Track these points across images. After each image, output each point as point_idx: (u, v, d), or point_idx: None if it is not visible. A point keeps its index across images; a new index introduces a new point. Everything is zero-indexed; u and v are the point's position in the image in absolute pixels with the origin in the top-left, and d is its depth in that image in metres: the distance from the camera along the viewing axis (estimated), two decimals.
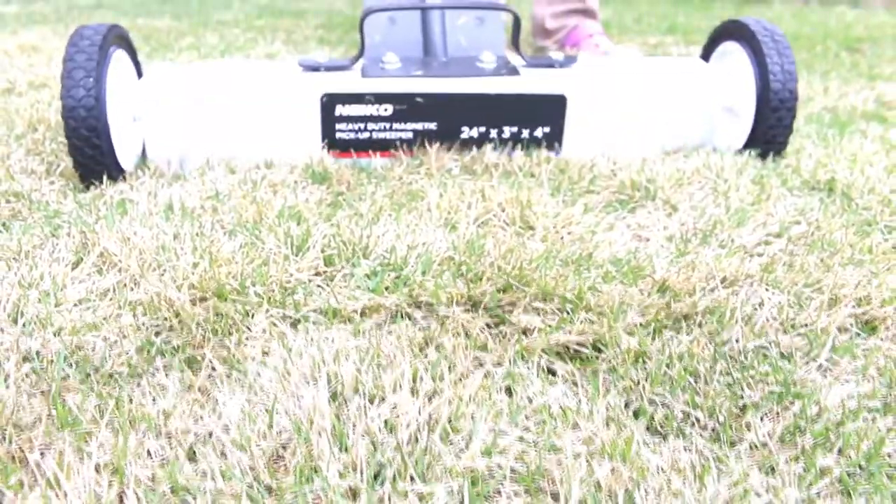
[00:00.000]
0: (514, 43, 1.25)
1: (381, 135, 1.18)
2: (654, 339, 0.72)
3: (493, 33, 1.35)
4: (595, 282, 0.81)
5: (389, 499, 0.52)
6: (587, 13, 2.12)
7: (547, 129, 1.19)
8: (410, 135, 1.18)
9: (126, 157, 1.15)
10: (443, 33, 1.31)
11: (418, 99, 1.15)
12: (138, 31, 2.65)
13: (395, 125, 1.17)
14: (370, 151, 1.19)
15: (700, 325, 0.74)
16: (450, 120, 1.17)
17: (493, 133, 1.19)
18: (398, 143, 1.19)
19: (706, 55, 1.36)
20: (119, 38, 1.17)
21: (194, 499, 0.53)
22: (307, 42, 2.43)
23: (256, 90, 1.17)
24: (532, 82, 1.18)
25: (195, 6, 3.51)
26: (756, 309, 0.76)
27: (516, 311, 0.75)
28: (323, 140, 1.18)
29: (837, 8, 4.08)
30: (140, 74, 1.25)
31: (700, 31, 2.83)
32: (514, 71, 1.21)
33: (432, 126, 1.17)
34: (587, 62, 1.31)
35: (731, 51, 1.29)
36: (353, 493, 0.53)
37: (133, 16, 3.12)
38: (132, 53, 1.24)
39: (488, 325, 0.75)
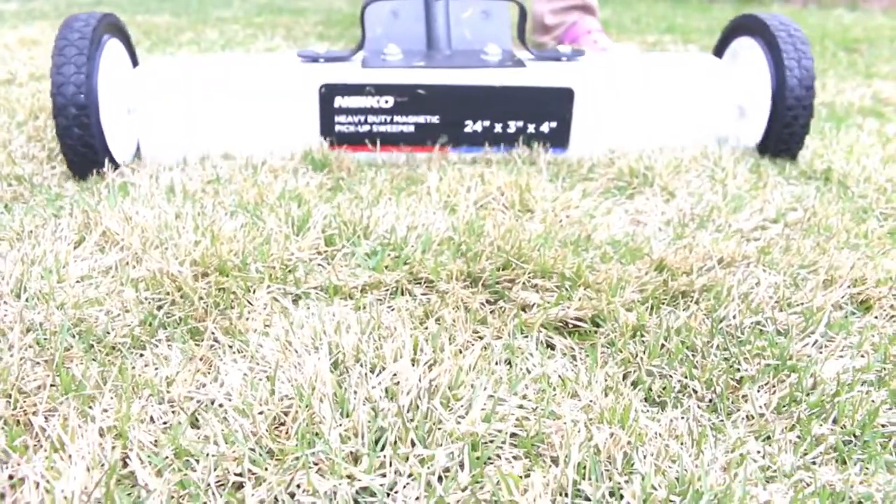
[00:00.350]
0: (521, 37, 1.23)
1: (382, 128, 1.15)
2: (651, 314, 0.72)
3: (498, 27, 1.31)
4: (593, 261, 0.81)
5: (390, 462, 0.53)
6: (586, 10, 2.13)
7: (553, 125, 1.15)
8: (412, 128, 1.15)
9: (120, 151, 1.13)
10: (447, 26, 1.27)
11: (420, 91, 1.12)
12: (137, 27, 2.65)
13: (397, 118, 1.14)
14: (370, 145, 1.16)
15: (697, 303, 0.75)
16: (453, 113, 1.14)
17: (498, 127, 1.15)
18: (399, 136, 1.16)
19: (719, 51, 1.32)
20: (112, 26, 1.13)
21: (197, 462, 0.53)
22: (307, 38, 2.44)
23: (254, 81, 1.14)
24: (538, 75, 1.15)
25: (194, 4, 3.52)
26: (753, 288, 0.77)
27: (515, 288, 0.76)
28: (322, 133, 1.15)
29: (835, 11, 4.10)
30: (136, 63, 1.22)
31: (698, 31, 2.85)
32: (519, 63, 1.18)
33: (435, 119, 1.14)
34: (595, 56, 1.29)
35: (746, 46, 1.25)
36: (355, 458, 0.53)
37: (132, 13, 3.12)
38: (127, 42, 1.20)
39: (488, 301, 0.75)
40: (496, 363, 0.64)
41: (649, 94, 1.18)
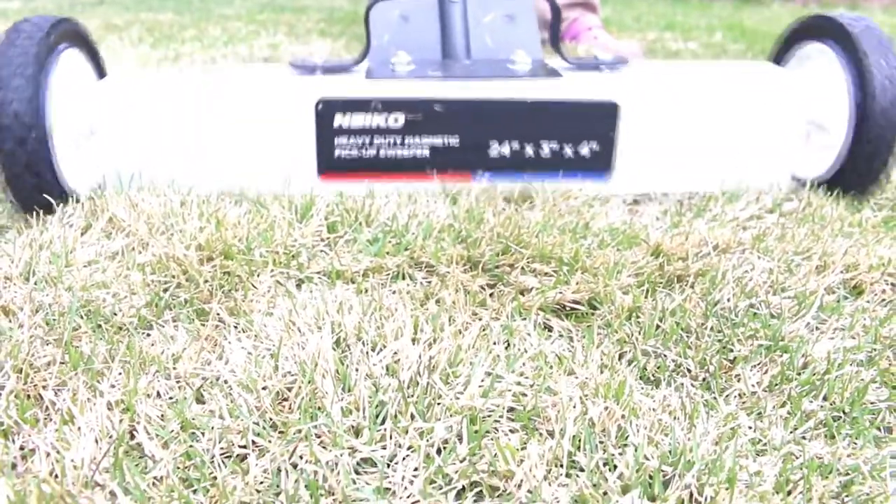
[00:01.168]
0: (554, 42, 1.07)
1: (391, 152, 0.97)
2: (647, 297, 0.74)
3: (526, 32, 1.14)
4: (591, 247, 0.83)
5: (391, 435, 0.54)
6: (587, 6, 2.15)
7: (594, 146, 0.99)
8: (427, 152, 0.98)
9: (78, 180, 0.95)
10: (465, 33, 1.10)
11: (436, 107, 0.96)
12: (141, 25, 2.67)
13: (409, 140, 0.97)
14: (377, 173, 0.98)
15: (692, 286, 0.76)
16: (476, 133, 0.97)
17: (529, 150, 0.98)
18: (412, 162, 0.98)
19: (778, 58, 1.12)
20: (69, 34, 0.96)
21: (202, 434, 0.55)
22: (309, 34, 2.46)
23: (238, 97, 0.97)
24: (576, 87, 0.99)
25: (197, 2, 3.54)
26: (747, 272, 0.79)
27: (514, 272, 0.77)
28: (319, 159, 0.97)
29: (836, 10, 4.11)
30: (103, 75, 1.06)
31: (698, 29, 2.86)
32: (553, 73, 1.02)
33: (454, 141, 0.97)
34: (641, 65, 1.12)
35: (815, 54, 1.05)
36: (356, 431, 0.55)
37: (135, 10, 3.15)
38: (91, 52, 1.04)
39: (488, 285, 0.77)
40: (494, 343, 0.66)
41: (706, 110, 1.00)
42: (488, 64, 1.06)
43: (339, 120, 0.96)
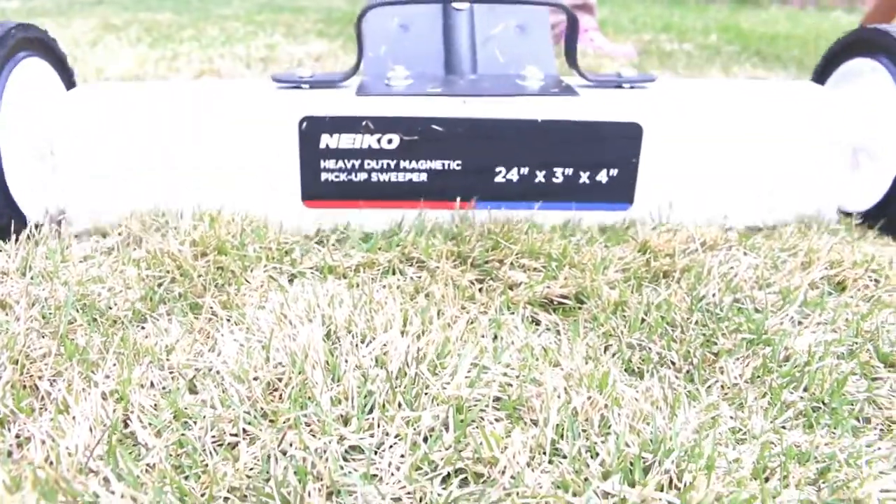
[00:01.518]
0: (569, 55, 0.96)
1: (384, 177, 0.88)
2: (634, 292, 0.75)
3: (539, 45, 1.04)
4: (579, 243, 0.84)
5: (378, 424, 0.55)
6: (585, 8, 2.16)
7: (614, 173, 0.88)
8: (424, 177, 0.88)
9: (34, 206, 0.88)
10: (471, 45, 1.00)
11: (436, 126, 0.86)
12: (140, 24, 2.69)
13: (404, 163, 0.87)
14: (368, 200, 0.89)
15: (678, 282, 0.78)
16: (480, 157, 0.87)
17: (540, 176, 0.88)
18: (408, 188, 0.88)
19: (821, 77, 1.03)
20: (30, 41, 0.89)
21: (195, 423, 0.56)
22: (307, 35, 2.48)
23: (214, 114, 0.87)
24: (594, 105, 0.88)
25: (195, 2, 3.56)
26: (733, 268, 0.80)
27: (503, 268, 0.79)
28: (303, 183, 0.88)
29: (833, 12, 4.14)
30: (72, 85, 0.98)
31: (694, 31, 2.88)
32: (568, 91, 0.91)
33: (455, 165, 0.87)
34: (667, 83, 1.01)
35: (866, 71, 0.96)
36: (345, 420, 0.56)
37: (134, 10, 3.16)
38: (57, 63, 0.95)
39: (477, 280, 0.78)
40: (482, 335, 0.67)
41: (741, 134, 0.90)
42: (496, 79, 0.96)
43: (326, 140, 0.86)
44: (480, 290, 0.77)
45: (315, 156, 0.87)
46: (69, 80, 0.97)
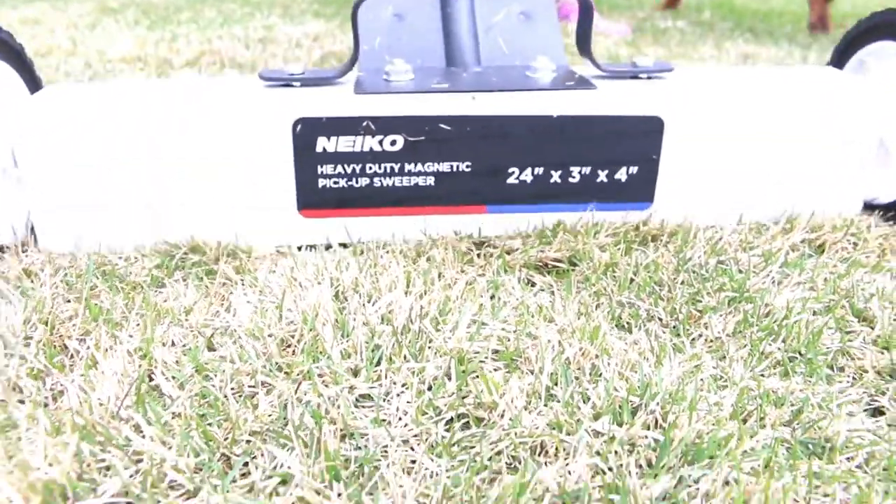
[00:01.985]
0: (583, 45, 0.89)
1: (388, 181, 0.81)
2: (624, 255, 0.79)
3: (546, 33, 0.97)
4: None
5: (386, 374, 0.60)
6: None
7: (634, 170, 0.84)
8: (431, 180, 0.82)
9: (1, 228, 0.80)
10: (473, 34, 0.94)
11: (443, 125, 0.80)
12: (137, 7, 2.71)
13: (409, 166, 0.81)
14: (370, 208, 0.83)
15: (666, 245, 0.82)
16: (491, 157, 0.82)
17: (556, 176, 0.83)
18: (414, 193, 0.82)
19: (840, 61, 0.98)
20: None
21: (215, 376, 0.60)
22: (303, 15, 2.50)
23: (196, 117, 0.78)
24: (611, 99, 0.82)
25: None
26: (717, 233, 0.84)
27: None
28: (299, 192, 0.81)
29: None
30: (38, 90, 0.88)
31: (689, 8, 2.91)
32: (583, 83, 0.85)
33: (464, 167, 0.82)
34: (687, 72, 0.94)
35: (884, 54, 0.92)
36: (355, 371, 0.61)
37: None
38: (19, 65, 0.86)
39: (475, 245, 0.82)
40: (481, 295, 0.71)
41: (767, 125, 0.85)
42: (503, 72, 0.89)
43: (323, 143, 0.79)
44: (479, 255, 0.81)
45: (311, 161, 0.80)
46: (35, 84, 0.89)
